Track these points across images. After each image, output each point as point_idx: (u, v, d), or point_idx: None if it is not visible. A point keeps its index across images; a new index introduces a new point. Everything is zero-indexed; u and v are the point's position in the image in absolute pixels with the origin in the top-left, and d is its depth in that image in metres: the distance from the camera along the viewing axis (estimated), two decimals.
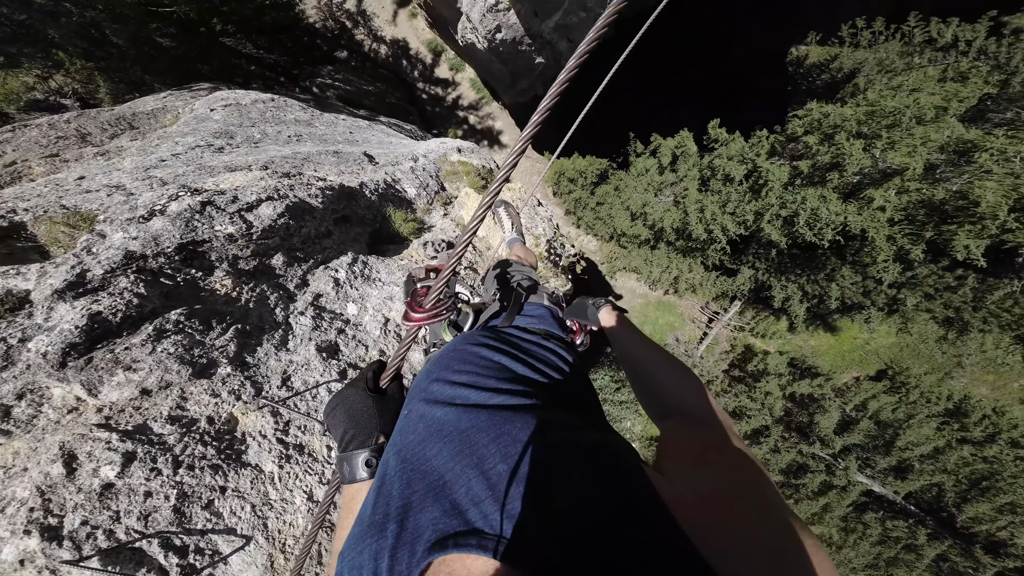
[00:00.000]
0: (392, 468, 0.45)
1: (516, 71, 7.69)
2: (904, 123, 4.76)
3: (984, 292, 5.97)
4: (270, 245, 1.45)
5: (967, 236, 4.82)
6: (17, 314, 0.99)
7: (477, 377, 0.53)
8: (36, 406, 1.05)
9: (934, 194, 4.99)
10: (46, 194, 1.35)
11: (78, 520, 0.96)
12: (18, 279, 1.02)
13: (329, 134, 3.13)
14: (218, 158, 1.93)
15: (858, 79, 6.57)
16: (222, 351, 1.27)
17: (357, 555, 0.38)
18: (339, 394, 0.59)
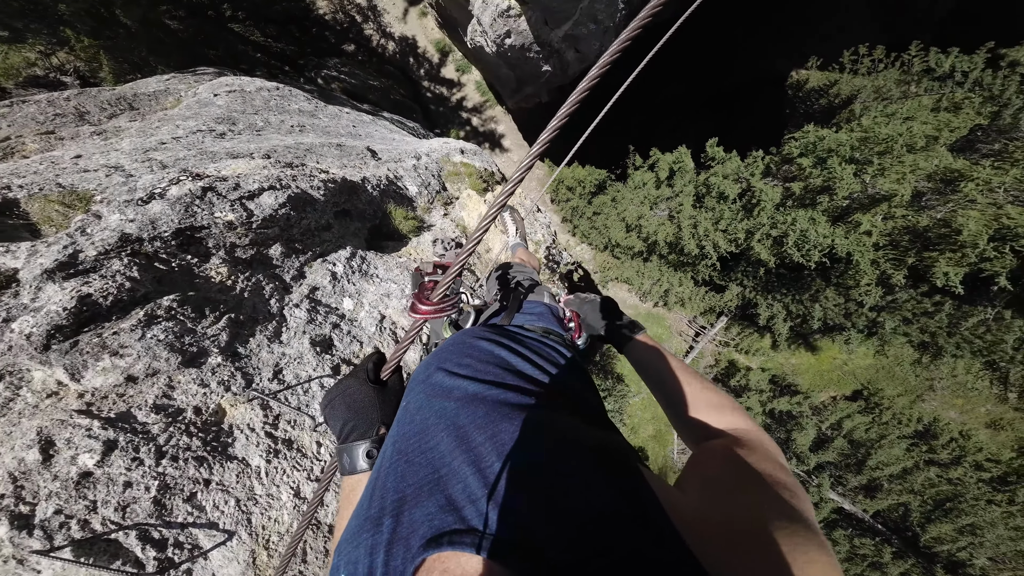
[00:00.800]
0: (388, 459, 0.45)
1: (522, 77, 7.77)
2: (896, 150, 4.96)
3: (959, 318, 6.23)
4: (269, 235, 1.43)
5: (947, 263, 5.02)
6: (3, 293, 0.95)
7: (477, 370, 0.52)
8: (14, 389, 1.01)
9: (918, 221, 5.20)
10: (42, 171, 1.30)
11: (51, 509, 0.92)
12: (7, 257, 0.98)
13: (333, 126, 3.10)
14: (220, 144, 1.90)
15: (854, 105, 6.80)
16: (213, 340, 1.24)
17: (353, 549, 0.37)
18: (338, 385, 0.58)
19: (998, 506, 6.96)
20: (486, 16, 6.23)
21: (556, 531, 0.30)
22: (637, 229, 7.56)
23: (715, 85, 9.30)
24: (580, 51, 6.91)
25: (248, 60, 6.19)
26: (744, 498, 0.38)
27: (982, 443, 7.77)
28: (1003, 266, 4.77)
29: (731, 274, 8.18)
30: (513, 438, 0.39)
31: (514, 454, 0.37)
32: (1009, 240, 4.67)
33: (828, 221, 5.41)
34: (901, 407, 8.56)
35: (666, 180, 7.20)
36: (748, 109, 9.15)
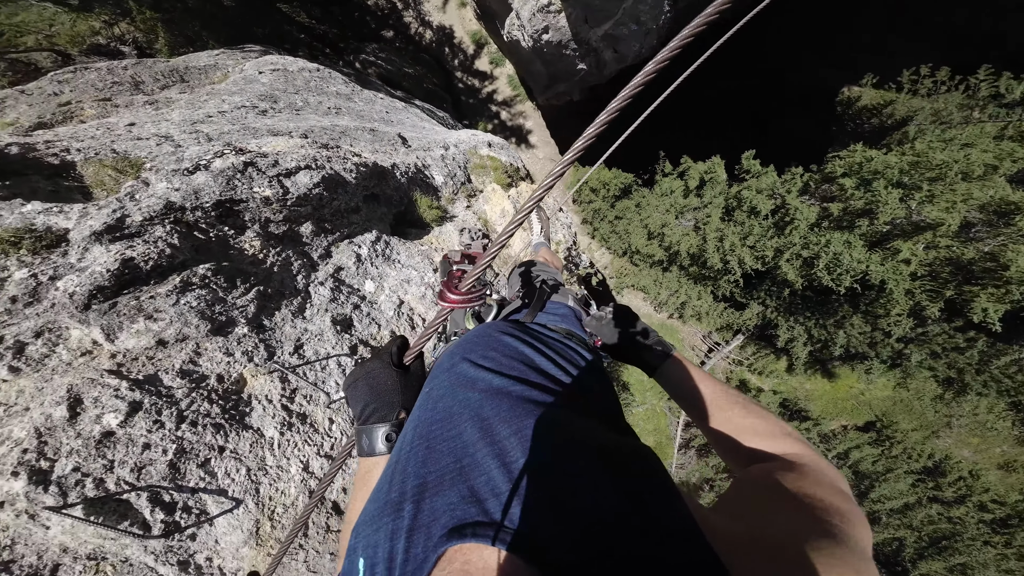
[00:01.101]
0: (408, 444, 0.45)
1: (556, 74, 7.67)
2: (949, 177, 4.68)
3: (991, 356, 5.93)
4: (302, 213, 1.46)
5: (988, 299, 4.74)
6: (53, 251, 0.99)
7: (501, 364, 0.52)
8: (51, 346, 1.04)
9: (963, 253, 4.90)
10: (99, 137, 1.37)
11: (70, 466, 0.93)
12: (60, 217, 1.02)
13: (367, 111, 3.14)
14: (261, 121, 1.95)
15: (909, 127, 6.41)
16: (242, 311, 1.28)
17: (373, 533, 0.37)
18: (362, 366, 0.58)
19: (993, 547, 6.67)
20: (525, 10, 6.16)
21: (562, 531, 0.30)
22: (659, 237, 7.40)
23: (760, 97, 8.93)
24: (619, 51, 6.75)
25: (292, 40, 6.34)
26: (780, 517, 0.36)
27: (990, 484, 7.43)
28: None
29: (753, 292, 7.92)
30: (538, 436, 0.39)
31: (539, 452, 0.37)
32: None
33: (865, 246, 5.16)
34: (913, 442, 8.21)
35: (695, 190, 7.00)
36: (791, 124, 8.75)
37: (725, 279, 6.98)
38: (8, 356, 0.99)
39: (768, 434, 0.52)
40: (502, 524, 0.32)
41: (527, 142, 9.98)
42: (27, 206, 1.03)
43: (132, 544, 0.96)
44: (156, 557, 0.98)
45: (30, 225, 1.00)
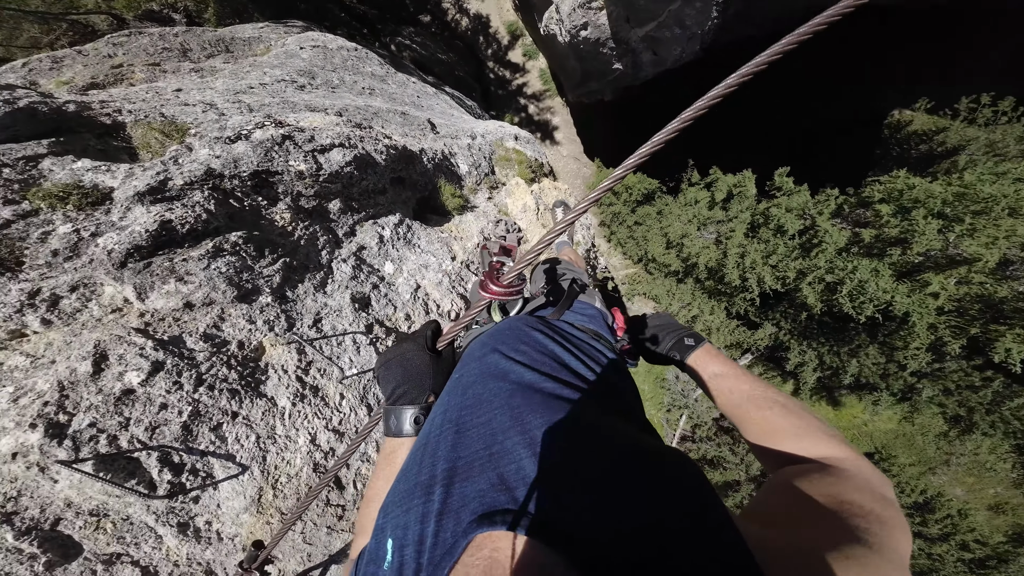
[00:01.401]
0: (438, 428, 0.45)
1: (589, 71, 7.54)
2: (995, 212, 4.44)
3: (1006, 397, 5.71)
4: (332, 190, 1.48)
5: (1014, 339, 4.53)
6: (97, 209, 1.03)
7: (533, 359, 0.53)
8: (84, 300, 1.06)
9: (996, 291, 4.68)
10: (149, 100, 1.40)
11: (87, 421, 0.94)
12: (107, 176, 1.06)
13: (399, 94, 3.15)
14: (299, 95, 1.98)
15: (959, 157, 6.07)
16: (267, 280, 1.31)
17: (404, 514, 0.38)
18: (396, 347, 0.59)
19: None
20: (566, 5, 6.04)
21: (593, 526, 0.30)
22: (678, 248, 7.26)
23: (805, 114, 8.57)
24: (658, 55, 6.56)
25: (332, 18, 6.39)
26: (813, 522, 0.35)
27: (977, 524, 7.23)
28: None
29: (769, 313, 7.72)
30: (569, 432, 0.39)
31: (571, 447, 0.37)
32: None
33: (893, 276, 4.97)
34: (909, 476, 7.99)
35: (721, 203, 6.83)
36: (833, 143, 8.39)
37: (741, 296, 6.82)
38: (42, 308, 1.01)
39: (809, 436, 0.49)
40: (532, 513, 0.32)
41: (552, 138, 9.87)
42: (77, 163, 1.07)
43: (136, 503, 0.98)
44: (157, 517, 1.00)
45: (78, 182, 1.04)
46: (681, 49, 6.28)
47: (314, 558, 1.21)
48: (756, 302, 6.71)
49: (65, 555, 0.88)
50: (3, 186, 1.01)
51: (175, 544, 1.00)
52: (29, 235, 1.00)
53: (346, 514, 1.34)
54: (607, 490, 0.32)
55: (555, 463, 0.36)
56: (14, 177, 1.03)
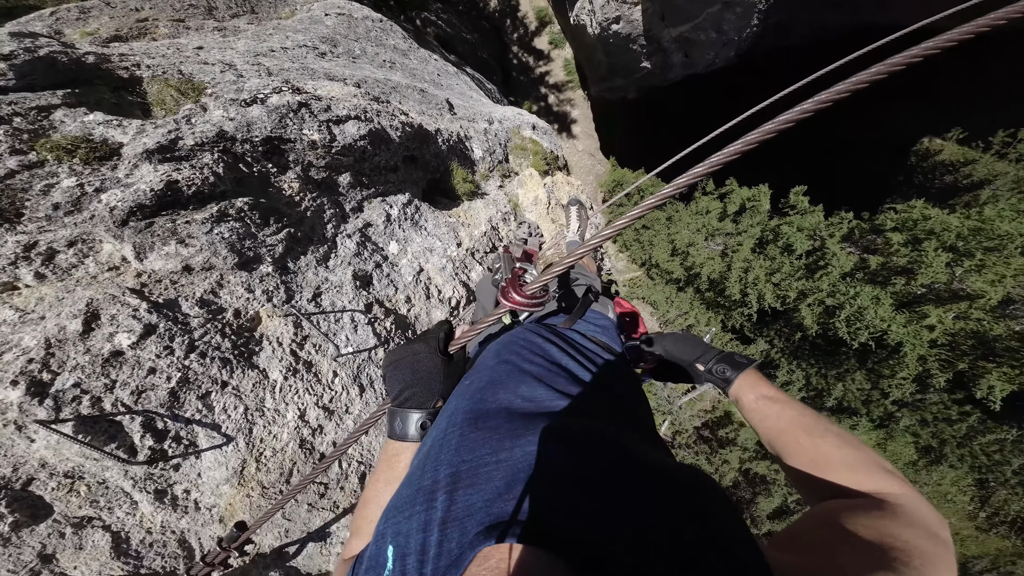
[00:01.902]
0: (442, 432, 0.44)
1: (616, 67, 7.35)
2: (1008, 250, 4.41)
3: (979, 432, 5.82)
4: (343, 163, 1.44)
5: (999, 378, 4.58)
6: (104, 164, 0.99)
7: (544, 372, 0.52)
8: (81, 256, 1.03)
9: (992, 328, 4.69)
10: (169, 56, 1.35)
11: (71, 381, 0.91)
12: (118, 131, 1.02)
13: (420, 70, 3.06)
14: (319, 63, 1.91)
15: (983, 191, 5.97)
16: (270, 250, 1.28)
17: (405, 520, 0.37)
18: (407, 347, 0.57)
19: None
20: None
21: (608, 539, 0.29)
22: (683, 256, 7.22)
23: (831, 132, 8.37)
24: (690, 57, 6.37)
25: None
26: (846, 554, 0.33)
27: None
28: None
29: (764, 330, 7.74)
30: (580, 444, 0.38)
31: (581, 459, 0.36)
32: None
33: (893, 305, 4.97)
34: None
35: (733, 215, 6.77)
36: (855, 165, 8.23)
37: (739, 311, 6.83)
38: (37, 262, 0.98)
39: (864, 469, 0.46)
40: (540, 524, 0.31)
41: (569, 131, 9.70)
42: (89, 116, 1.03)
43: (113, 467, 0.95)
44: (134, 483, 0.97)
45: (88, 135, 1.00)
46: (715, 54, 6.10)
47: (292, 534, 1.20)
48: (753, 318, 6.72)
49: (34, 516, 0.86)
50: (12, 135, 0.98)
51: (150, 511, 0.99)
52: (32, 187, 0.97)
53: (328, 492, 1.34)
54: (617, 501, 0.32)
55: (564, 474, 0.35)
56: (24, 127, 0.99)
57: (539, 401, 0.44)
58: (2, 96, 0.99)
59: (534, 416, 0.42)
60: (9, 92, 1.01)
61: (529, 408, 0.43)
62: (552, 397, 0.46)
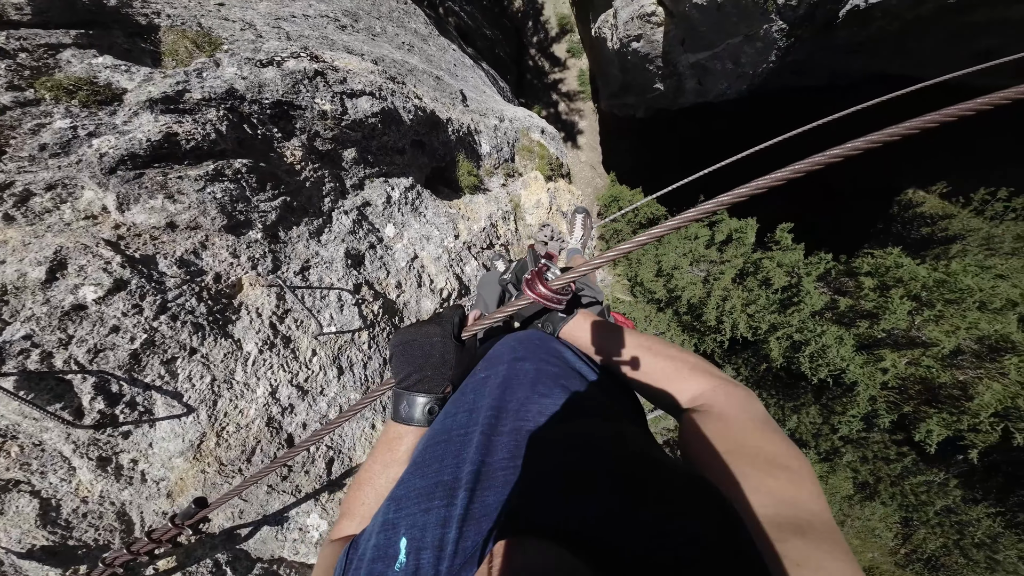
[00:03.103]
0: (462, 426, 0.44)
1: (630, 84, 7.47)
2: (966, 303, 4.73)
3: (912, 473, 6.22)
4: (351, 137, 1.40)
5: (938, 423, 4.90)
6: (103, 108, 0.92)
7: (561, 374, 0.52)
8: (58, 202, 0.96)
9: (939, 376, 5.02)
10: (190, 7, 1.28)
11: (22, 332, 0.84)
12: (123, 76, 0.95)
13: (437, 57, 3.02)
14: (339, 35, 1.86)
15: (955, 245, 6.30)
16: (262, 216, 1.23)
17: (422, 513, 0.36)
18: (419, 328, 0.56)
19: None
20: (625, 12, 5.90)
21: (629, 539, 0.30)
22: (667, 278, 7.41)
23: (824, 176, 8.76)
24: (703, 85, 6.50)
25: None
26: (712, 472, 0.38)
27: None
28: (983, 441, 4.66)
29: (732, 358, 8.04)
30: (596, 444, 0.38)
31: (597, 459, 0.37)
32: (1009, 420, 4.53)
33: (854, 346, 5.26)
34: None
35: (719, 243, 7.00)
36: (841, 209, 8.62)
37: (712, 337, 7.06)
38: (8, 203, 0.90)
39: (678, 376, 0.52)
40: (557, 522, 0.31)
41: (575, 141, 9.79)
42: (98, 59, 0.97)
43: (55, 429, 0.88)
44: (76, 448, 0.90)
45: (93, 77, 0.94)
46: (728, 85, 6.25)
47: (246, 516, 1.14)
48: (725, 345, 6.96)
49: None
50: (13, 70, 0.91)
51: (89, 479, 0.91)
52: (21, 125, 0.90)
53: (291, 475, 1.29)
54: (634, 500, 0.32)
55: (581, 473, 0.35)
56: (28, 63, 0.92)
57: (557, 402, 0.45)
58: (13, 30, 0.91)
59: (553, 417, 0.43)
60: (21, 27, 0.94)
61: (548, 409, 0.44)
62: (569, 399, 0.47)
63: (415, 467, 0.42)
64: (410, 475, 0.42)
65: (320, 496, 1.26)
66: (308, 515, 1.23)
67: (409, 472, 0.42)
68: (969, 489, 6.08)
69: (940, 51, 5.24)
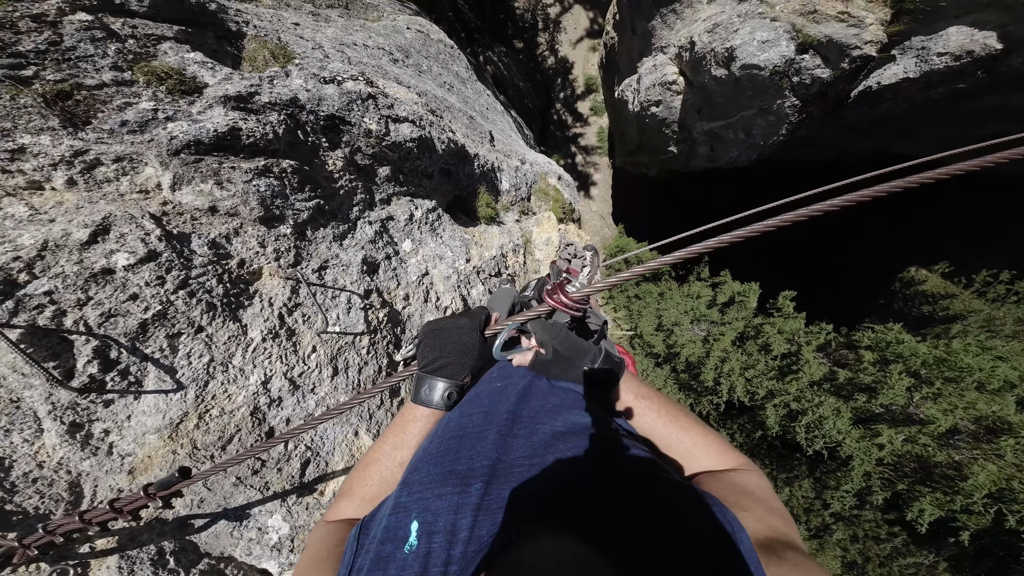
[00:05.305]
0: (478, 424, 0.47)
1: (645, 145, 7.99)
2: (965, 383, 4.65)
3: (901, 554, 5.72)
4: (388, 157, 1.53)
5: (930, 502, 4.61)
6: (184, 97, 1.05)
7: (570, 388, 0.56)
8: (120, 173, 1.03)
9: (935, 455, 4.81)
10: (273, 22, 1.49)
11: (44, 288, 0.85)
12: (208, 72, 1.09)
13: (473, 99, 3.32)
14: (391, 67, 2.09)
15: (955, 325, 6.29)
16: (296, 214, 1.33)
17: (435, 499, 0.38)
18: (452, 319, 0.61)
19: None
20: (648, 79, 6.49)
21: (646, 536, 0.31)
22: (667, 333, 7.40)
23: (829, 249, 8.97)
24: (715, 151, 6.94)
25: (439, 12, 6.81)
26: None
27: None
28: (976, 524, 4.33)
29: (728, 422, 7.77)
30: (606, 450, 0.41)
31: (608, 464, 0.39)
32: (1003, 502, 4.24)
33: (851, 419, 5.11)
34: None
35: (721, 305, 7.07)
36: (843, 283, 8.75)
37: (709, 398, 6.89)
38: (77, 168, 0.97)
39: (721, 451, 0.56)
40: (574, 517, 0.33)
41: (587, 191, 10.28)
42: (190, 54, 1.11)
43: (39, 387, 0.86)
44: (52, 409, 0.87)
45: (183, 69, 1.07)
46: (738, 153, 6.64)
47: (205, 506, 1.08)
48: (721, 407, 6.77)
49: None
50: (120, 53, 1.03)
51: (54, 443, 0.88)
52: (112, 101, 1.01)
53: (263, 470, 1.24)
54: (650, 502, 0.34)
55: (595, 476, 0.38)
56: (134, 48, 1.06)
57: (570, 413, 0.48)
58: (129, 19, 1.07)
59: (563, 431, 0.45)
60: (136, 17, 1.09)
61: (559, 423, 0.46)
62: (579, 416, 0.49)
63: (428, 457, 0.44)
64: (423, 463, 0.44)
65: (288, 498, 1.22)
66: (271, 515, 1.18)
67: (422, 460, 0.44)
68: (958, 573, 5.59)
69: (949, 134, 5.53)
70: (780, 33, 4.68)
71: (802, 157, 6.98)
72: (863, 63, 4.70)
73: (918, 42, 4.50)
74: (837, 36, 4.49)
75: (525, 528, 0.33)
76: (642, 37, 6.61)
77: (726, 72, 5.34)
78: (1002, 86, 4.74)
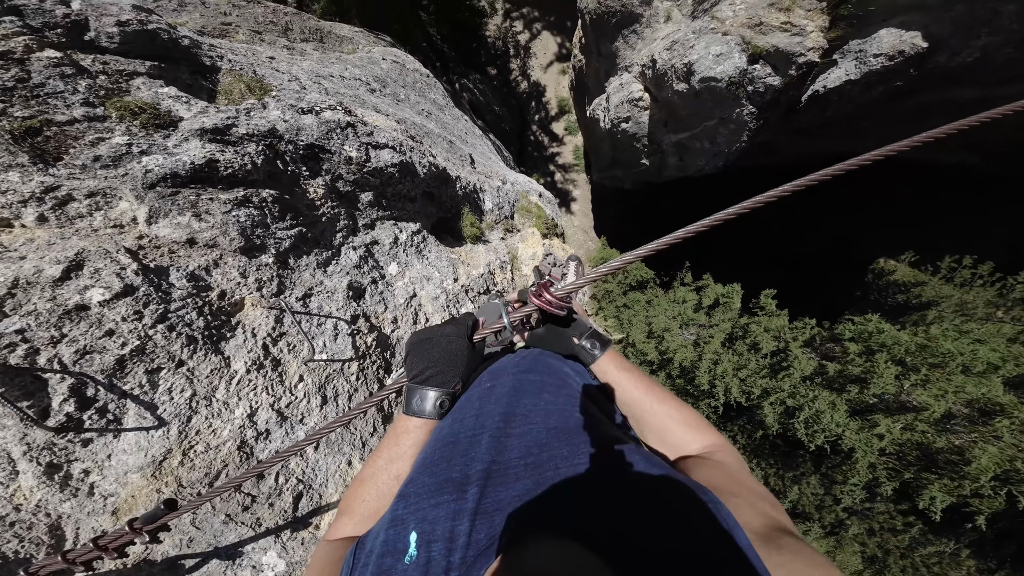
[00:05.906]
0: (469, 429, 0.46)
1: (619, 159, 8.33)
2: (950, 367, 4.78)
3: (920, 544, 5.66)
4: (370, 183, 1.55)
5: (940, 489, 4.63)
6: (159, 132, 1.06)
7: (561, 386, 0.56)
8: (94, 209, 1.01)
9: (935, 441, 4.87)
10: (248, 57, 1.53)
11: (16, 326, 0.83)
12: (183, 106, 1.11)
13: (451, 125, 3.42)
14: (369, 97, 2.15)
15: (930, 311, 6.53)
16: (277, 243, 1.32)
17: (432, 508, 0.37)
18: (438, 328, 0.61)
19: None
20: (616, 97, 6.85)
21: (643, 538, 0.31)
22: (659, 339, 7.47)
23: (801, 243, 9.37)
24: (683, 161, 7.31)
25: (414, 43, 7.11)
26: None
27: None
28: (989, 507, 4.34)
29: (727, 424, 7.76)
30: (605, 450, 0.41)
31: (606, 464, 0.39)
32: (1011, 484, 4.29)
33: (847, 411, 5.18)
34: None
35: (707, 308, 7.21)
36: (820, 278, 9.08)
37: (706, 402, 6.90)
38: (48, 204, 0.96)
39: (695, 427, 0.58)
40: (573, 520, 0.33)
41: (569, 207, 10.55)
42: (164, 88, 1.12)
43: (13, 427, 0.83)
44: (28, 449, 0.84)
45: (156, 104, 1.08)
46: (705, 162, 7.02)
47: (196, 545, 1.03)
48: (719, 410, 6.78)
49: None
50: (91, 89, 1.04)
51: (31, 485, 0.84)
52: (84, 136, 1.01)
53: (254, 506, 1.19)
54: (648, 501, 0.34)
55: (593, 478, 0.37)
56: (105, 84, 1.07)
57: (564, 409, 0.48)
58: (99, 55, 1.08)
59: (557, 427, 0.45)
60: (107, 53, 1.10)
61: (553, 419, 0.47)
62: (571, 411, 0.50)
63: (423, 467, 0.44)
64: (418, 474, 0.43)
65: (282, 533, 1.16)
66: (265, 552, 1.12)
67: (417, 471, 0.44)
68: (982, 559, 5.55)
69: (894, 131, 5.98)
70: (732, 46, 5.05)
71: (766, 163, 7.42)
72: (808, 69, 5.10)
73: (855, 45, 4.91)
74: (783, 45, 4.87)
75: (521, 530, 0.32)
76: (607, 58, 7.03)
77: (687, 86, 5.70)
78: (934, 83, 5.18)
